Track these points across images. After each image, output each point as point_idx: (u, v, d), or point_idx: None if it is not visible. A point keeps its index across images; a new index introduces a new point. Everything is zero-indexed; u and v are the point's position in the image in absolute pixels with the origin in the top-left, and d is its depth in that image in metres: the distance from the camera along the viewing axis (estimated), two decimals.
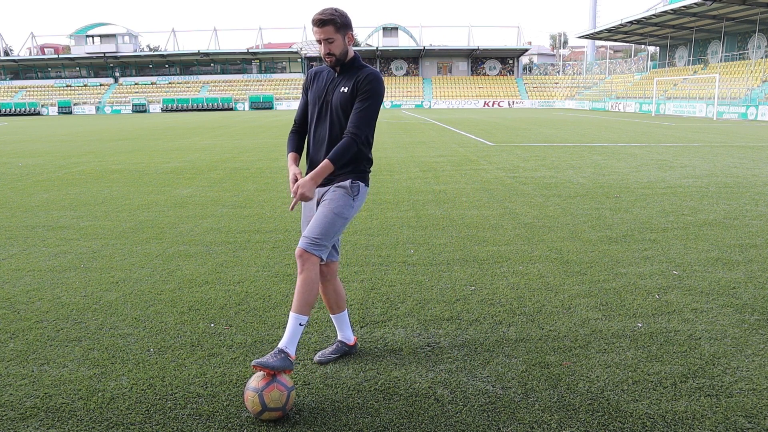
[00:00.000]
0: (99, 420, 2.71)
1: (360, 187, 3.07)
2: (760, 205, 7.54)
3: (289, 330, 2.88)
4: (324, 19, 2.90)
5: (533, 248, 5.55)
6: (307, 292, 2.90)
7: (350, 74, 3.03)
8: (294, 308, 2.90)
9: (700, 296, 4.22)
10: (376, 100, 2.98)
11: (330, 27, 2.91)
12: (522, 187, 9.06)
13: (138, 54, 76.43)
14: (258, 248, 5.66)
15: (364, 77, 2.98)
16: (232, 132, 24.77)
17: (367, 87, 2.96)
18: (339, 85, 3.03)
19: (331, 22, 2.91)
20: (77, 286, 4.60)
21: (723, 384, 2.97)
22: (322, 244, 2.94)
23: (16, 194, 9.13)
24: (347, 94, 2.98)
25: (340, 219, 2.99)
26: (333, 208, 2.98)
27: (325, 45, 2.93)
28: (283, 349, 2.82)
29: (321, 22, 2.91)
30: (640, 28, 51.37)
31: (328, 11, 2.92)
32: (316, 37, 2.95)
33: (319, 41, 2.95)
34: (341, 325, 3.34)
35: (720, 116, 36.67)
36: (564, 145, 16.47)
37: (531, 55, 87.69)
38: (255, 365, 2.71)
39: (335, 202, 3.00)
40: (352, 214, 3.06)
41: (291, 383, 2.75)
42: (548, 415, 2.72)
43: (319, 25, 2.92)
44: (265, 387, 2.65)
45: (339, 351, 3.30)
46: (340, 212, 2.99)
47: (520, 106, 66.35)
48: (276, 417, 2.66)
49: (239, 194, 8.81)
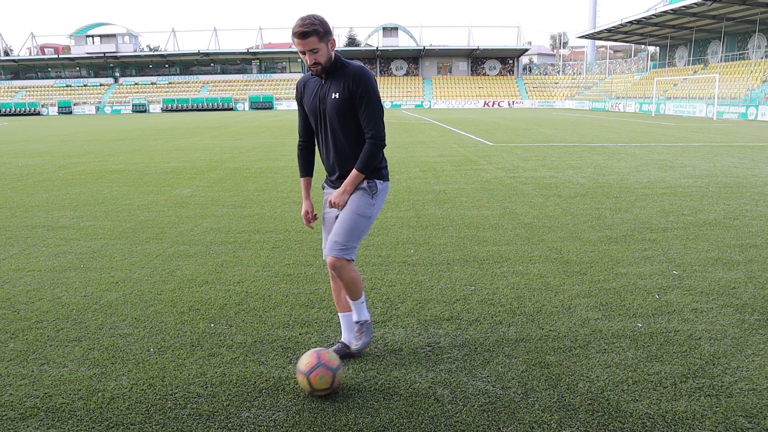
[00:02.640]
0: (99, 420, 2.71)
1: (377, 185, 3.13)
2: (760, 205, 7.54)
3: (355, 310, 3.26)
4: (307, 32, 2.84)
5: (533, 248, 5.55)
6: (355, 288, 3.17)
7: (336, 77, 3.01)
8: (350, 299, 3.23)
9: (700, 296, 4.22)
10: (373, 95, 2.99)
11: (314, 38, 2.86)
12: (522, 187, 9.06)
13: (138, 54, 76.41)
14: (258, 248, 5.66)
15: (352, 79, 2.96)
16: (232, 132, 24.77)
17: (361, 88, 2.96)
18: (329, 92, 3.01)
19: (314, 33, 2.85)
20: (77, 286, 4.60)
21: (723, 384, 2.97)
22: (350, 247, 3.05)
23: (16, 194, 9.13)
24: (340, 99, 2.98)
25: (363, 219, 3.08)
26: (354, 210, 3.06)
27: (310, 56, 2.89)
28: (358, 320, 3.25)
29: (304, 35, 2.84)
30: (640, 28, 51.36)
31: (308, 21, 2.85)
32: (299, 49, 2.90)
33: (303, 53, 2.91)
34: (348, 325, 3.36)
35: (720, 116, 36.67)
36: (564, 145, 16.47)
37: (531, 55, 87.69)
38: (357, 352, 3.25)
39: (355, 203, 3.08)
40: (375, 211, 3.15)
41: (336, 363, 2.90)
42: (548, 415, 2.72)
43: (302, 37, 2.85)
44: (311, 371, 2.84)
45: (340, 352, 3.30)
46: (362, 212, 3.07)
47: (520, 106, 66.34)
48: (325, 394, 2.90)
49: (239, 194, 8.81)
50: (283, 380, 3.07)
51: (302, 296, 4.30)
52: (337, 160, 3.11)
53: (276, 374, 3.13)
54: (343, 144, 3.06)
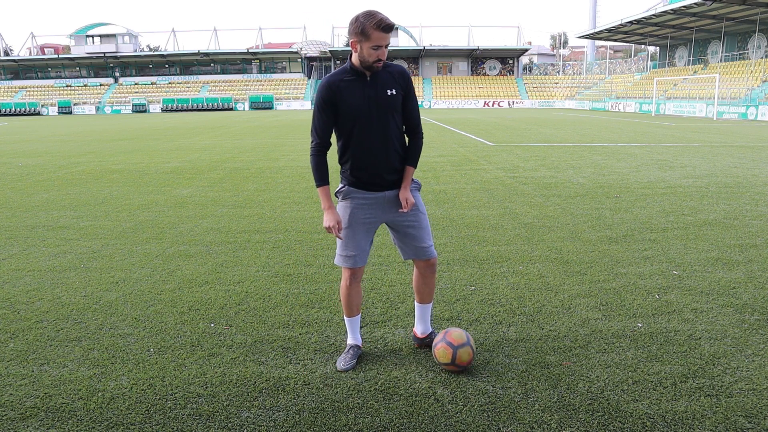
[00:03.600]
0: (99, 420, 2.71)
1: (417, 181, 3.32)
2: (760, 205, 7.54)
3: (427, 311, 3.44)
4: (393, 25, 2.90)
5: (533, 248, 5.55)
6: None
7: (381, 75, 3.02)
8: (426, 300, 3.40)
9: (700, 296, 4.22)
10: (415, 93, 3.18)
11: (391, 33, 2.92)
12: (522, 187, 9.06)
13: (138, 54, 76.40)
14: (258, 248, 5.66)
15: (401, 75, 3.07)
16: (232, 132, 24.77)
17: (409, 85, 3.10)
18: (381, 89, 3.00)
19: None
20: (77, 286, 4.60)
21: (723, 384, 2.97)
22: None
23: (16, 194, 9.13)
24: (396, 95, 3.04)
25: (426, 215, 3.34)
26: (421, 209, 3.25)
27: (382, 51, 2.89)
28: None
29: (391, 28, 2.88)
30: (640, 28, 51.34)
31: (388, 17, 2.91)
32: (379, 43, 2.86)
33: (378, 47, 2.87)
34: (357, 327, 3.41)
35: (720, 116, 36.67)
36: (564, 145, 16.47)
37: (531, 55, 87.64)
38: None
39: (418, 202, 3.24)
40: None
41: (458, 341, 3.11)
42: (548, 415, 2.72)
43: (389, 30, 2.87)
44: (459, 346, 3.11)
45: (356, 355, 3.31)
46: (424, 209, 3.30)
47: (520, 106, 66.33)
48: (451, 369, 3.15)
49: (239, 194, 8.81)
50: (283, 380, 3.07)
51: (302, 296, 4.30)
52: (389, 158, 3.08)
53: (276, 374, 3.13)
54: (394, 141, 3.08)
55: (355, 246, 3.17)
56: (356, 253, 3.17)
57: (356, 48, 2.91)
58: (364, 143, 3.04)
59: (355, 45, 2.90)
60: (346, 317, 3.36)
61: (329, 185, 3.13)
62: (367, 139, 3.03)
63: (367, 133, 3.02)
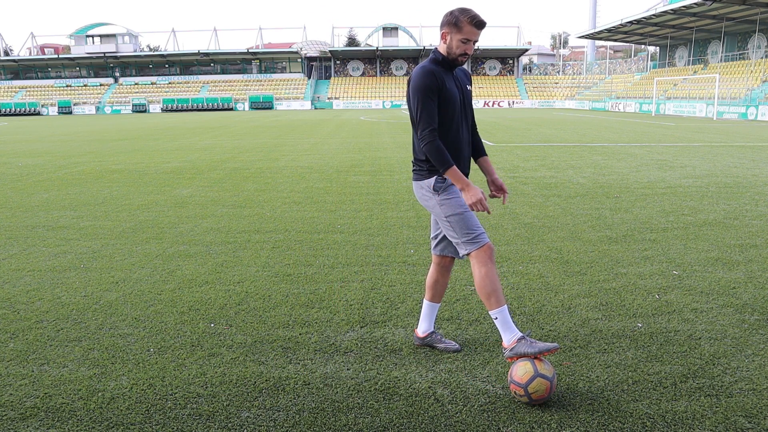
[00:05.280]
0: (99, 420, 2.71)
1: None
2: (760, 205, 7.54)
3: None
4: (485, 23, 2.95)
5: (533, 248, 5.55)
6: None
7: (458, 72, 3.16)
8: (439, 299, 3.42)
9: (700, 296, 4.22)
10: None
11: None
12: (522, 187, 9.06)
13: (138, 54, 76.41)
14: (258, 248, 5.66)
15: (464, 74, 3.20)
16: (232, 132, 24.77)
17: (471, 83, 3.24)
18: (463, 83, 3.14)
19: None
20: (77, 286, 4.60)
21: (723, 384, 2.97)
22: None
23: (16, 194, 9.13)
24: (471, 91, 3.22)
25: None
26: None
27: (471, 46, 2.97)
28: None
29: (482, 25, 2.95)
30: (640, 28, 51.34)
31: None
32: (469, 37, 2.94)
33: (467, 41, 2.95)
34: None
35: (720, 116, 36.67)
36: (564, 145, 16.47)
37: (531, 55, 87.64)
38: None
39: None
40: None
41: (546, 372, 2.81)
42: (548, 415, 2.72)
43: (480, 27, 2.95)
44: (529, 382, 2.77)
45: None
46: None
47: (520, 106, 66.34)
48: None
49: (239, 194, 8.81)
50: (283, 380, 3.07)
51: (302, 296, 4.30)
52: (467, 149, 3.19)
53: (276, 374, 3.13)
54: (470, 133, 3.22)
55: (479, 224, 3.09)
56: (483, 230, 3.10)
57: (446, 39, 2.99)
58: (459, 132, 3.12)
59: (445, 36, 2.98)
60: (498, 309, 2.97)
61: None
62: (460, 128, 3.12)
63: (458, 122, 3.10)
